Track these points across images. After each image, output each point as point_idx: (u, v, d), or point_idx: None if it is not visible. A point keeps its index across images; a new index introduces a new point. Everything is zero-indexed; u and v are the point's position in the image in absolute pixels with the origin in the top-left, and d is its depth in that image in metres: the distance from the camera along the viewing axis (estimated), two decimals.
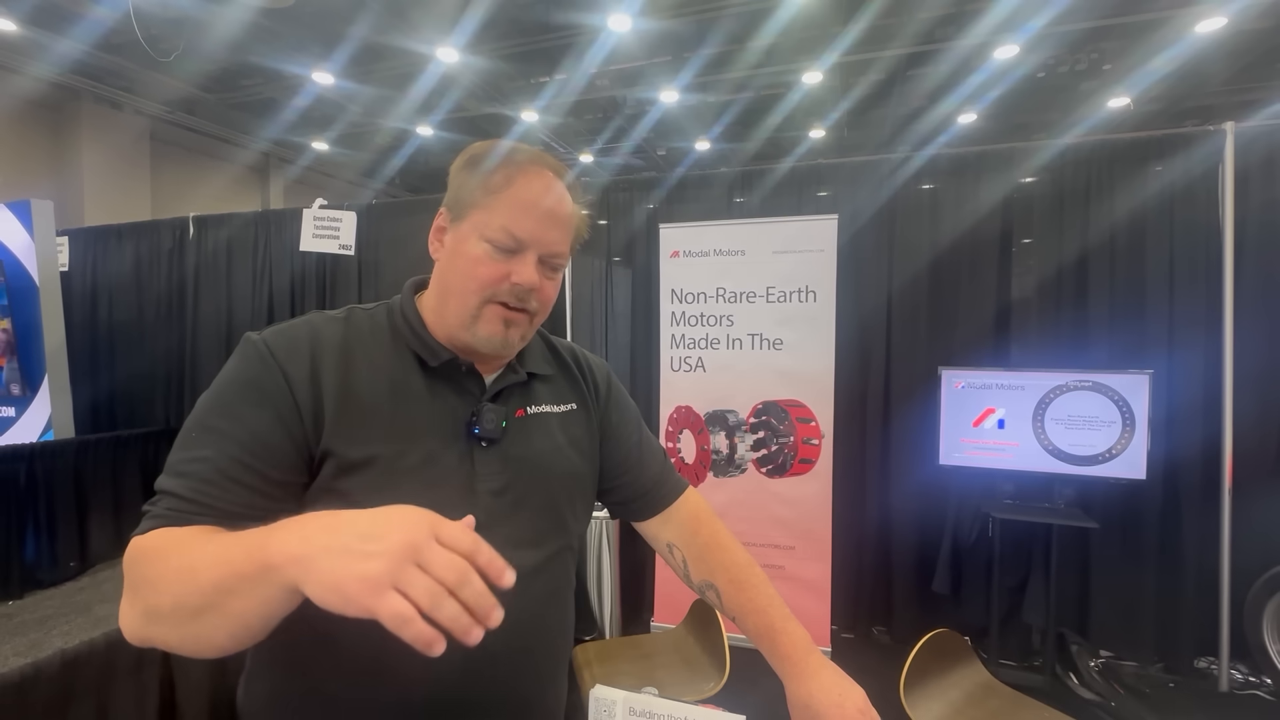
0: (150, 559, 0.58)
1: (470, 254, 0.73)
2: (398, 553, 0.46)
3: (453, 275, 0.75)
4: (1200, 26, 4.96)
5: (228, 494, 0.63)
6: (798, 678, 0.80)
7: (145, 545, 0.60)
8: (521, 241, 0.73)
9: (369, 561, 0.45)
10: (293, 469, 0.67)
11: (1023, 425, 2.61)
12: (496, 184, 0.73)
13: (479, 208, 0.73)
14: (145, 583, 0.57)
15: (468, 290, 0.74)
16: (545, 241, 0.74)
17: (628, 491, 0.94)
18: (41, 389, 4.02)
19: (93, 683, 1.40)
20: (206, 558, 0.54)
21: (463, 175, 0.76)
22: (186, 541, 0.59)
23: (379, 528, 0.48)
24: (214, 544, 0.56)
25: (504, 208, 0.72)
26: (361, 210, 4.01)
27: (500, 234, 0.72)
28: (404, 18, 4.92)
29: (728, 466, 2.93)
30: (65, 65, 5.51)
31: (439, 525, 0.48)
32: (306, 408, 0.68)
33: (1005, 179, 2.89)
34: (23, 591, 3.40)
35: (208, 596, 0.52)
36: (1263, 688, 2.54)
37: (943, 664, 1.84)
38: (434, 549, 0.47)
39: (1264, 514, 2.56)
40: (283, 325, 0.73)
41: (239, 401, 0.67)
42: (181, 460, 0.65)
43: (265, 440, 0.66)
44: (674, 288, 2.99)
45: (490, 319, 0.74)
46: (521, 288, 0.73)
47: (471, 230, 0.74)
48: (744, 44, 5.37)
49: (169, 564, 0.57)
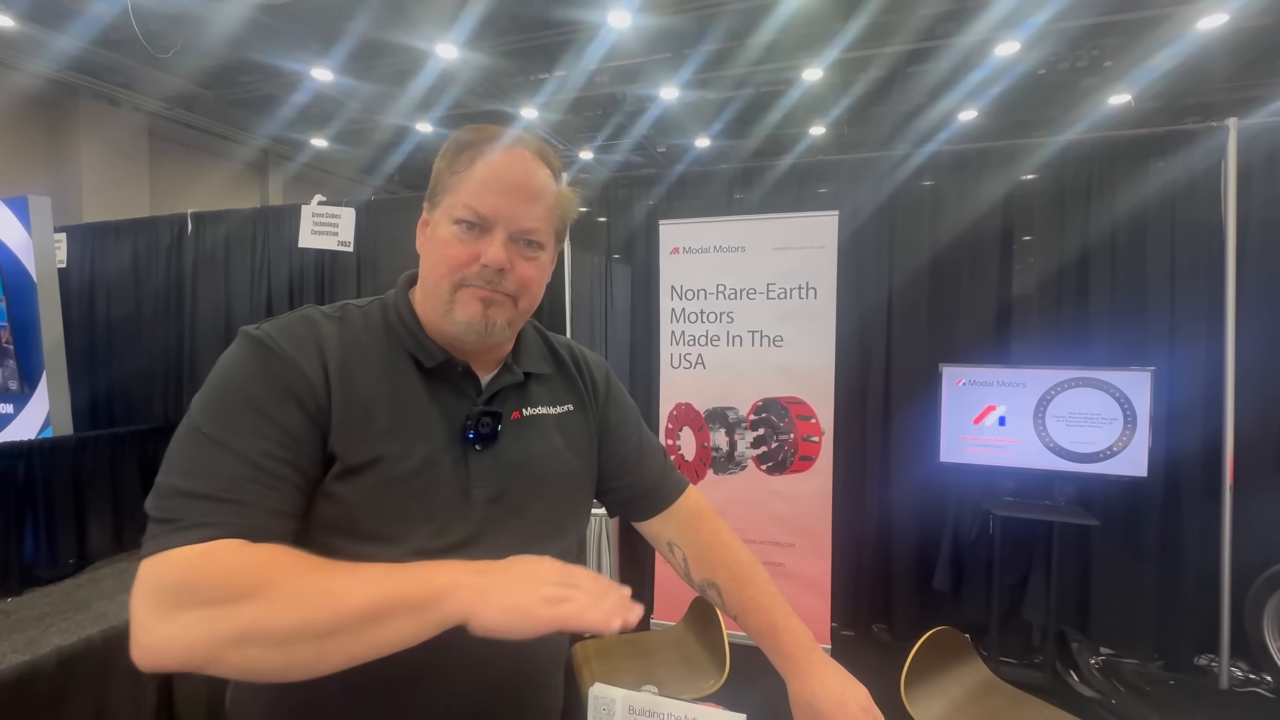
0: (244, 581, 0.54)
1: (441, 238, 0.72)
2: (561, 579, 0.57)
3: (427, 264, 0.74)
4: (1201, 23, 4.94)
5: (274, 492, 0.61)
6: (800, 676, 0.79)
7: (222, 562, 0.56)
8: (485, 218, 0.70)
9: (544, 588, 0.56)
10: (320, 461, 0.66)
11: (1024, 422, 2.60)
12: (462, 164, 0.71)
13: (448, 191, 0.72)
14: (247, 600, 0.53)
15: (439, 276, 0.72)
16: (512, 217, 0.70)
17: (628, 492, 0.93)
18: (40, 386, 4.01)
19: (90, 680, 1.40)
20: (351, 583, 0.55)
21: (437, 165, 0.75)
22: (300, 564, 0.57)
23: (533, 566, 0.59)
24: (349, 570, 0.56)
25: (467, 185, 0.70)
26: (360, 207, 4.00)
27: (464, 211, 0.70)
28: (403, 14, 4.91)
29: (728, 464, 2.92)
30: (63, 61, 5.50)
31: (570, 567, 0.59)
32: (323, 404, 0.66)
33: (1006, 176, 2.88)
34: (21, 588, 3.40)
35: (350, 619, 0.53)
36: (1263, 685, 2.54)
37: (943, 661, 1.84)
38: (580, 574, 0.59)
39: (1265, 511, 2.56)
40: (280, 320, 0.71)
41: (262, 395, 0.64)
42: (199, 459, 0.61)
43: (296, 434, 0.63)
44: (674, 284, 2.98)
45: (466, 302, 0.71)
46: (490, 269, 0.70)
47: (443, 215, 0.72)
48: (744, 40, 5.35)
49: (295, 585, 0.54)
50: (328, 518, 0.67)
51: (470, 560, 0.58)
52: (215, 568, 0.55)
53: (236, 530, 0.58)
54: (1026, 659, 2.75)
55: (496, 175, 0.70)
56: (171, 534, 0.56)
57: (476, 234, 0.71)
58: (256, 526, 0.59)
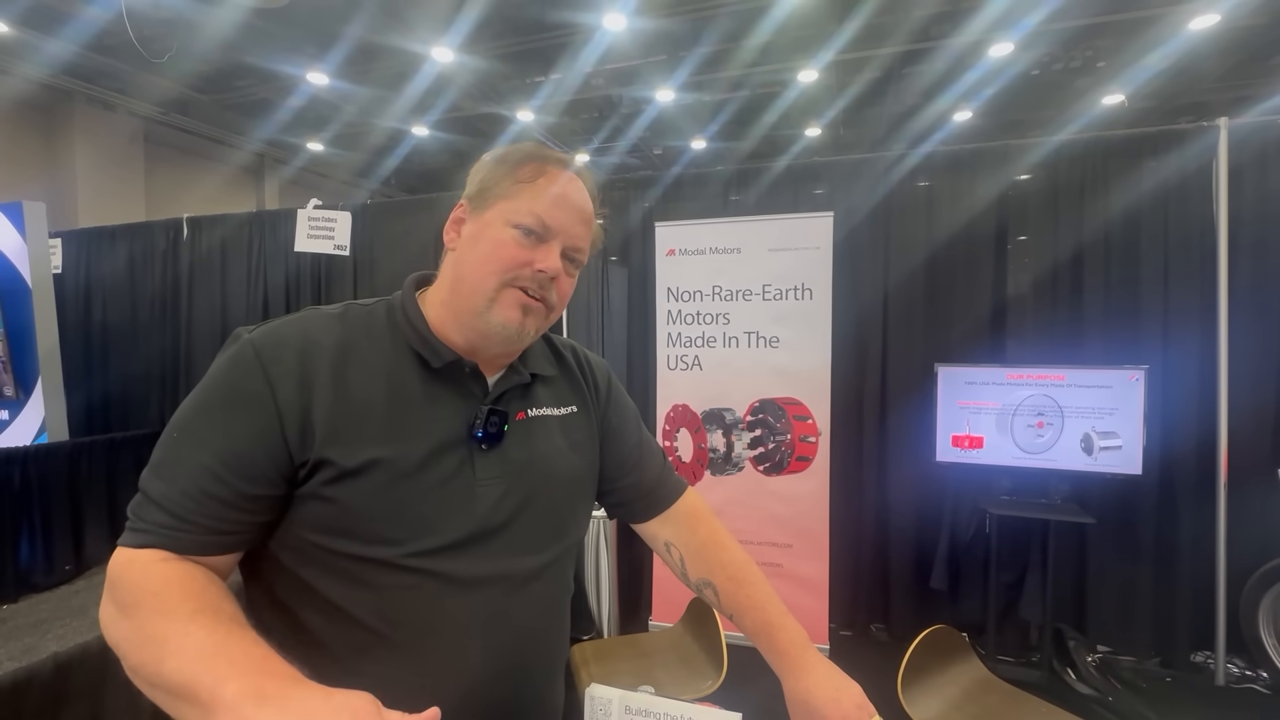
0: (138, 596, 0.59)
1: (495, 238, 0.73)
2: None
3: (472, 260, 0.74)
4: (1194, 23, 4.97)
5: (207, 510, 0.63)
6: (795, 674, 0.80)
7: (138, 572, 0.61)
8: (550, 229, 0.74)
9: None
10: (268, 483, 0.65)
11: (1019, 421, 2.61)
12: (527, 175, 0.74)
13: (507, 197, 0.74)
14: (132, 609, 0.58)
15: (487, 272, 0.73)
16: (571, 234, 0.75)
17: (629, 493, 0.93)
18: (35, 391, 3.99)
19: (86, 686, 1.39)
20: (182, 645, 0.54)
21: (490, 168, 0.76)
22: (174, 603, 0.58)
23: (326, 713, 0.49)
24: (191, 639, 0.54)
25: (534, 196, 0.74)
26: (356, 211, 3.99)
27: (530, 219, 0.73)
28: (399, 17, 4.91)
29: (725, 465, 2.92)
30: (57, 66, 5.48)
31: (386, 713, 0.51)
32: (291, 415, 0.66)
33: (1000, 176, 2.89)
34: (17, 595, 3.38)
35: (160, 683, 0.53)
36: (1259, 681, 2.55)
37: (940, 660, 1.84)
38: None
39: (1259, 508, 2.57)
40: (276, 323, 0.71)
41: (219, 407, 0.66)
42: (163, 461, 0.65)
43: (239, 451, 0.64)
44: (670, 286, 2.99)
45: (508, 303, 0.73)
46: (545, 275, 0.73)
47: (497, 217, 0.74)
48: (739, 42, 5.36)
49: (149, 626, 0.56)
50: (325, 520, 0.67)
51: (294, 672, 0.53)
52: (129, 575, 0.60)
53: (165, 541, 0.62)
54: (1023, 657, 2.76)
55: (564, 193, 0.75)
56: (128, 531, 0.64)
57: (534, 241, 0.74)
58: (183, 540, 0.63)
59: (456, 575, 0.70)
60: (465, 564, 0.71)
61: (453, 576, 0.70)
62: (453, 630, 0.70)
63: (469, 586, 0.71)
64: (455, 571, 0.70)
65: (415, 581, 0.68)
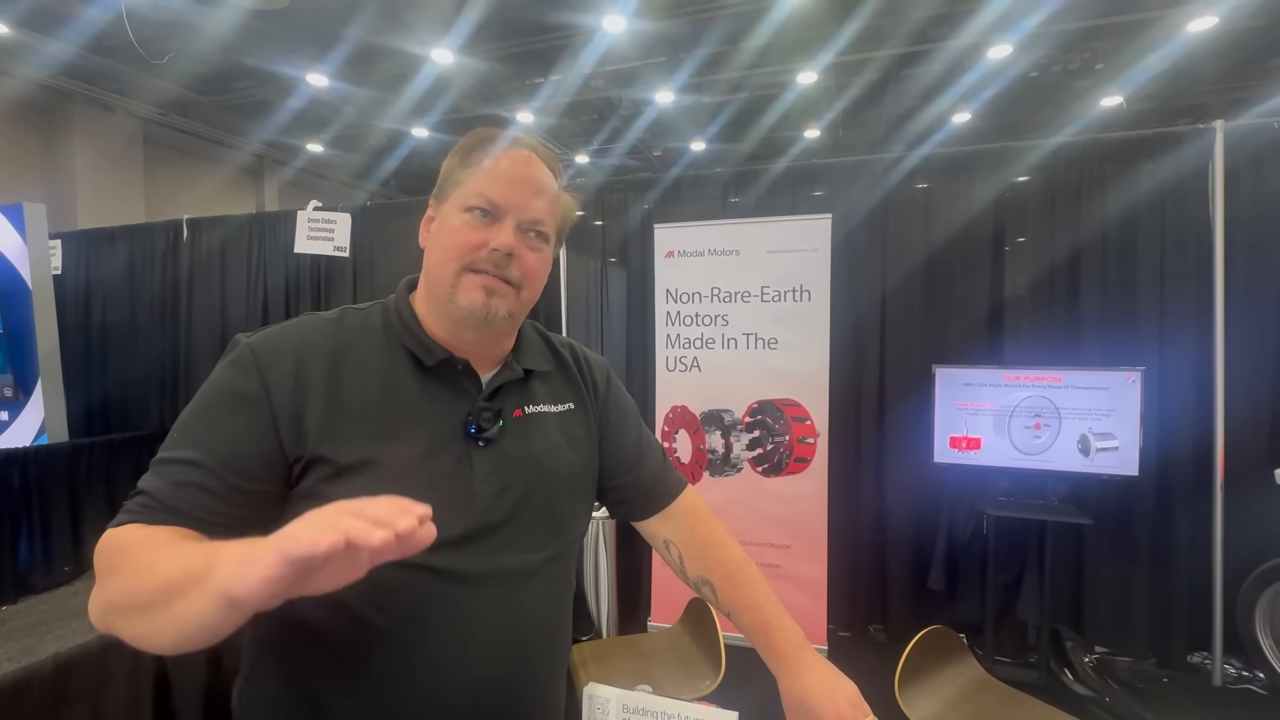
0: (118, 551, 0.60)
1: (451, 226, 0.75)
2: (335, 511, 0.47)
3: (435, 251, 0.76)
4: (1191, 26, 4.98)
5: (193, 499, 0.63)
6: (791, 673, 0.80)
7: (116, 538, 0.61)
8: (500, 206, 0.74)
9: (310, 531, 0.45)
10: (262, 479, 0.67)
11: (1016, 422, 2.62)
12: (474, 159, 0.76)
13: (459, 184, 0.76)
14: (109, 572, 0.59)
15: (446, 260, 0.74)
16: (522, 207, 0.75)
17: (629, 490, 0.93)
18: (35, 393, 4.00)
19: (86, 687, 1.39)
20: (168, 558, 0.55)
21: (448, 162, 0.78)
22: (155, 540, 0.60)
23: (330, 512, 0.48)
24: (179, 547, 0.57)
25: (480, 176, 0.74)
26: (356, 212, 4.00)
27: (478, 199, 0.74)
28: (398, 19, 4.91)
29: (723, 466, 2.93)
30: (57, 68, 5.48)
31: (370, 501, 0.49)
32: (286, 416, 0.67)
33: (998, 178, 2.90)
34: (17, 596, 3.39)
35: (157, 594, 0.52)
36: (1256, 682, 2.56)
37: (938, 661, 1.85)
38: (367, 503, 0.48)
39: (1256, 509, 2.58)
40: (274, 328, 0.73)
41: (216, 408, 0.68)
42: (161, 460, 0.66)
43: (235, 450, 0.66)
44: (669, 288, 2.99)
45: (469, 286, 0.73)
46: (499, 252, 0.73)
47: (453, 206, 0.75)
48: (738, 44, 5.37)
49: (133, 558, 0.58)
50: None
51: None
52: (108, 546, 0.61)
53: (145, 519, 0.63)
54: (1021, 658, 2.76)
55: (508, 167, 0.75)
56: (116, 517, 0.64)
57: (487, 221, 0.74)
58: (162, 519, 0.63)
59: (457, 571, 0.71)
60: (465, 560, 0.71)
61: (453, 572, 0.70)
62: (454, 626, 0.71)
63: (470, 583, 0.71)
64: (455, 567, 0.71)
65: (415, 578, 0.69)
